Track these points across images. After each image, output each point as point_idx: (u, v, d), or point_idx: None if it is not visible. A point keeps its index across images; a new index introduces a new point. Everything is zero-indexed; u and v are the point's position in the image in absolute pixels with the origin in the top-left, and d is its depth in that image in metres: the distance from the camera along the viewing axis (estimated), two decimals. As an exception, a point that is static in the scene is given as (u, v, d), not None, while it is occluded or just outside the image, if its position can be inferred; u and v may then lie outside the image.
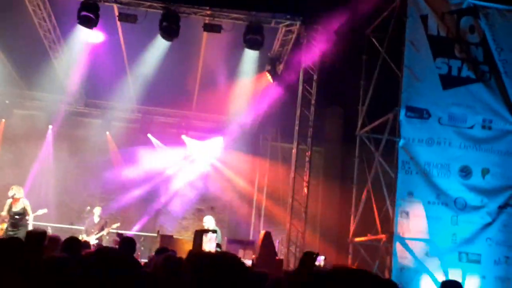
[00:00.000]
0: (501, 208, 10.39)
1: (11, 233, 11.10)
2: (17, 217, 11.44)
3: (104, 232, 12.87)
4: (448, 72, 10.40)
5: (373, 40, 11.42)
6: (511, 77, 10.44)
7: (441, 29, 10.41)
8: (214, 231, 10.98)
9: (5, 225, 11.62)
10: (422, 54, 10.33)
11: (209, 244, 10.56)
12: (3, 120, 16.04)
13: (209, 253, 5.76)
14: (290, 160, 13.31)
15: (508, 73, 10.44)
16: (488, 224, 10.34)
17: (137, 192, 15.78)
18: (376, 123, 11.51)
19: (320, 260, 6.35)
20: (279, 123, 15.10)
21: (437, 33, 10.40)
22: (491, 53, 10.45)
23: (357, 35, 11.52)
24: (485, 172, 10.42)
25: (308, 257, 4.66)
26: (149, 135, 16.17)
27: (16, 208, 11.47)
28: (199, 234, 10.73)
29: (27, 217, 11.62)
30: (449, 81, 10.38)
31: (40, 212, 12.22)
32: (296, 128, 12.64)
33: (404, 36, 10.26)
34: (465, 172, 10.42)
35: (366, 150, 11.99)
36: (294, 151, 12.91)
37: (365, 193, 11.94)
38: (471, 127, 10.39)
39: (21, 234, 10.70)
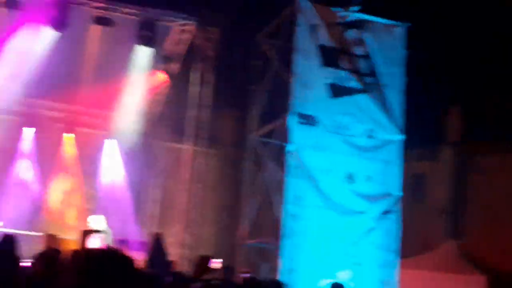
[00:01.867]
0: (383, 214, 10.84)
1: None
2: None
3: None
4: (335, 81, 10.70)
5: (264, 46, 11.49)
6: (394, 89, 10.93)
7: (330, 40, 10.69)
8: (102, 231, 10.58)
9: None
10: (311, 62, 10.54)
11: (95, 245, 10.19)
12: None
13: (97, 250, 5.45)
14: (183, 161, 13.13)
15: (390, 85, 10.91)
16: (371, 229, 10.75)
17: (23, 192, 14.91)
18: (267, 127, 11.62)
19: (215, 263, 6.30)
20: (172, 123, 14.78)
21: (326, 43, 10.66)
22: (375, 66, 10.88)
23: (250, 39, 11.55)
24: (368, 179, 10.82)
25: (204, 261, 4.54)
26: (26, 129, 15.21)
27: None
28: (85, 234, 10.35)
29: None
30: (336, 90, 10.67)
31: None
32: (190, 129, 12.48)
33: (294, 44, 10.40)
34: (350, 178, 10.76)
35: (258, 153, 12.08)
36: (186, 152, 12.74)
37: (256, 196, 12.04)
38: (355, 136, 10.74)
39: None
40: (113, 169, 15.66)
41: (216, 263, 6.45)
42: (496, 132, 12.29)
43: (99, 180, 15.44)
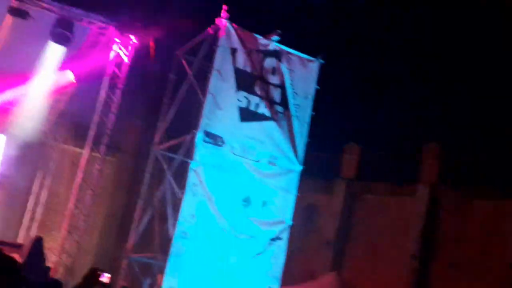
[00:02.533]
0: (272, 240, 11.15)
1: None
2: None
3: None
4: (247, 106, 10.99)
5: (183, 61, 11.60)
6: (301, 121, 11.42)
7: (247, 65, 11.01)
8: None
9: None
10: (226, 84, 10.77)
11: None
12: None
13: None
14: (77, 165, 12.75)
15: (298, 117, 11.39)
16: (259, 254, 11.00)
17: None
18: (173, 142, 11.63)
19: (105, 277, 6.08)
20: (73, 126, 14.36)
21: (243, 67, 10.96)
22: (287, 96, 11.33)
23: (170, 53, 11.60)
24: (264, 204, 11.11)
25: (92, 274, 4.43)
26: None
27: None
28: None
29: None
30: (246, 115, 10.96)
31: None
32: (91, 133, 12.20)
33: (213, 64, 10.60)
34: (247, 202, 11.00)
35: (159, 167, 12.01)
36: (84, 157, 12.41)
37: (150, 209, 11.92)
38: (259, 161, 11.05)
39: None
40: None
41: (106, 278, 6.30)
42: (385, 172, 13.18)
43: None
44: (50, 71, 12.26)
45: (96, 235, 14.72)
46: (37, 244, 11.69)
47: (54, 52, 11.69)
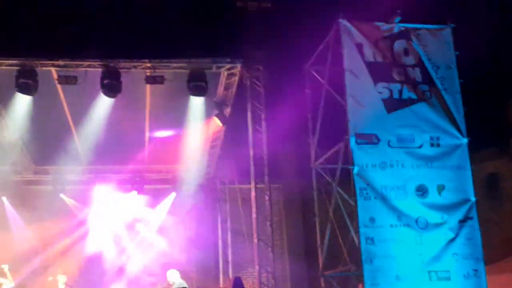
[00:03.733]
0: (462, 222, 10.48)
1: None
2: None
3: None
4: (389, 96, 10.58)
5: (314, 73, 11.59)
6: (451, 93, 10.72)
7: (377, 55, 10.63)
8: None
9: None
10: (362, 81, 10.50)
11: None
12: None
13: None
14: (250, 200, 13.19)
15: (447, 89, 10.71)
16: (452, 240, 10.38)
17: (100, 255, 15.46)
18: (329, 153, 11.57)
19: None
20: (234, 165, 15.04)
21: (374, 59, 10.61)
22: (428, 72, 10.72)
23: (298, 69, 11.69)
24: (440, 188, 10.53)
25: None
26: (100, 192, 15.87)
27: None
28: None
29: None
30: (392, 104, 10.55)
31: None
32: (252, 168, 12.56)
33: (343, 66, 10.43)
34: (422, 191, 10.51)
35: (323, 181, 12.02)
36: (252, 191, 12.80)
37: (327, 224, 11.91)
38: (420, 146, 10.53)
39: None
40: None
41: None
42: None
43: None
44: (199, 123, 13.00)
45: (286, 262, 15.08)
46: (238, 284, 12.25)
47: (196, 104, 12.35)
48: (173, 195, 16.02)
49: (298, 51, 11.06)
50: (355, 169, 10.31)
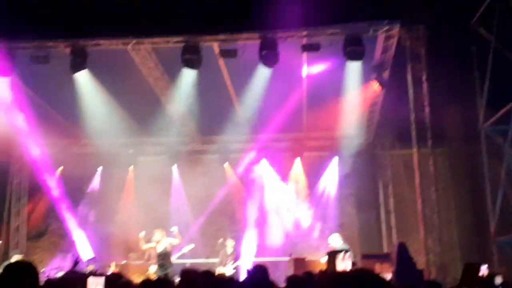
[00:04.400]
0: None
1: (163, 273, 11.89)
2: (161, 258, 12.25)
3: (239, 262, 13.22)
4: None
5: (480, 29, 10.79)
6: None
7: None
8: (347, 251, 10.74)
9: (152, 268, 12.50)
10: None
11: (343, 264, 10.33)
12: (131, 167, 17.04)
13: (345, 271, 5.60)
14: (412, 166, 12.77)
15: None
16: None
17: (262, 220, 16.09)
18: (499, 114, 10.79)
19: (483, 270, 5.74)
20: (394, 130, 14.64)
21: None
22: None
23: (459, 28, 10.93)
24: None
25: (471, 270, 4.09)
26: (262, 162, 16.47)
27: (159, 249, 12.31)
28: (332, 254, 10.55)
29: (171, 257, 12.43)
30: None
31: (187, 249, 12.92)
32: (413, 133, 12.11)
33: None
34: None
35: (492, 143, 11.26)
36: (415, 156, 12.37)
37: (499, 189, 11.18)
38: None
39: (170, 273, 11.58)
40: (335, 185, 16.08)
41: (484, 270, 5.87)
42: None
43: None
44: (356, 88, 12.81)
45: (453, 228, 14.46)
46: (402, 250, 11.99)
47: (353, 69, 12.16)
48: (334, 160, 16.08)
49: (461, 6, 10.30)
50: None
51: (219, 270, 13.21)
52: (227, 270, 13.03)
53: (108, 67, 12.59)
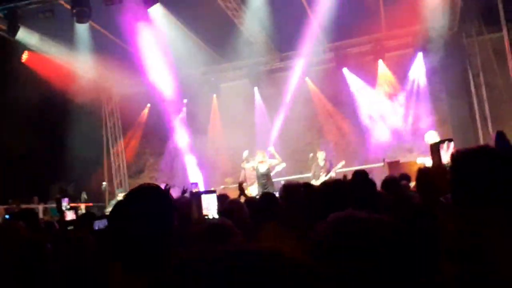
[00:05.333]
0: None
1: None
2: (264, 178, 12.64)
3: (333, 174, 13.29)
4: None
5: None
6: None
7: None
8: (450, 139, 10.46)
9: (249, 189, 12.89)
10: None
11: (448, 154, 10.09)
12: (214, 95, 17.33)
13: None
14: (503, 51, 12.10)
15: None
16: None
17: (348, 128, 16.07)
18: None
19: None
20: (480, 14, 13.76)
21: None
22: None
23: None
24: None
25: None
26: (344, 70, 16.20)
27: (263, 169, 12.69)
28: (435, 146, 10.34)
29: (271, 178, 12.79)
30: None
31: (280, 167, 13.29)
32: (501, 12, 11.35)
33: None
34: None
35: None
36: (505, 39, 11.68)
37: None
38: None
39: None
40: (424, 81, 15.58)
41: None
42: None
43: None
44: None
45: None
46: (501, 138, 11.58)
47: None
48: (419, 56, 15.52)
49: None
50: None
51: (313, 183, 13.37)
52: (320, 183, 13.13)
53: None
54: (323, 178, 13.22)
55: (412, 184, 7.90)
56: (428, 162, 12.10)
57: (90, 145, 16.06)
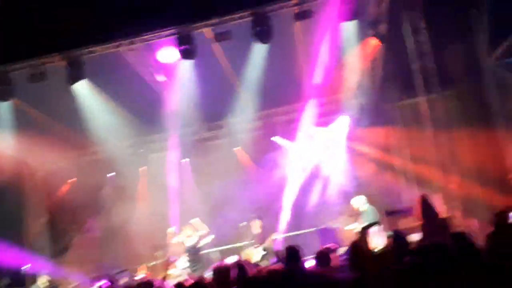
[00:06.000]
0: None
1: (193, 268, 11.94)
2: (192, 252, 12.33)
3: (269, 241, 13.18)
4: None
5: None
6: None
7: None
8: (376, 223, 10.66)
9: (171, 270, 12.51)
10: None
11: (376, 239, 10.30)
12: (143, 167, 16.99)
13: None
14: (422, 114, 12.72)
15: None
16: None
17: (283, 195, 16.10)
18: (504, 46, 10.70)
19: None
20: (399, 81, 14.53)
21: None
22: None
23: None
24: None
25: (501, 217, 3.90)
26: (275, 138, 16.41)
27: (191, 243, 12.38)
28: (363, 230, 10.51)
29: (200, 251, 12.54)
30: None
31: (209, 239, 13.21)
32: (418, 81, 12.00)
33: None
34: None
35: (498, 78, 11.17)
36: (424, 103, 12.29)
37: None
38: None
39: (201, 268, 11.61)
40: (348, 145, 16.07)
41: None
42: None
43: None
44: (355, 47, 12.71)
45: (471, 171, 14.33)
46: (425, 202, 12.02)
47: (349, 28, 12.05)
48: (344, 120, 16.00)
49: None
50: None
51: (247, 253, 13.14)
52: (255, 252, 12.96)
53: (104, 72, 12.49)
54: (258, 247, 13.06)
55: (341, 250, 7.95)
56: (357, 227, 12.35)
57: (9, 224, 15.19)
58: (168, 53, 11.95)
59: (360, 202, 12.47)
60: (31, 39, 10.34)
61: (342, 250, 8.24)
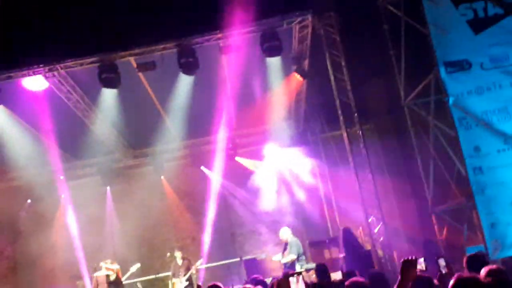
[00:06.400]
0: None
1: None
2: (113, 285, 12.18)
3: (193, 271, 13.14)
4: (474, 16, 10.00)
5: (389, 7, 11.07)
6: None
7: (453, -25, 10.01)
8: (299, 273, 10.76)
9: None
10: (442, 6, 9.97)
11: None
12: (63, 195, 16.43)
13: None
14: (344, 147, 13.02)
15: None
16: None
17: (208, 225, 16.00)
18: (419, 88, 11.14)
19: (421, 263, 5.53)
20: (321, 115, 14.91)
21: (451, -20, 10.00)
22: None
23: (369, 8, 11.20)
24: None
25: (408, 266, 3.88)
26: (202, 168, 16.37)
27: (112, 277, 12.23)
28: (285, 278, 10.58)
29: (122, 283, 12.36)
30: (478, 25, 9.96)
31: (134, 268, 13.16)
32: (340, 117, 12.26)
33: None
34: (525, 109, 9.95)
35: (417, 116, 11.60)
36: (344, 136, 12.57)
37: (430, 160, 11.52)
38: (520, 62, 9.91)
39: None
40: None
41: (421, 264, 5.73)
42: None
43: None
44: (280, 82, 12.93)
45: (393, 203, 14.78)
46: (348, 235, 12.29)
47: (274, 64, 12.25)
48: (270, 151, 16.15)
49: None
50: (450, 100, 9.91)
51: (172, 283, 13.16)
52: (180, 282, 12.96)
53: (23, 97, 12.08)
54: (182, 277, 12.99)
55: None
56: (283, 259, 12.48)
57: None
58: (34, 80, 11.56)
59: (286, 233, 12.67)
60: None
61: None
